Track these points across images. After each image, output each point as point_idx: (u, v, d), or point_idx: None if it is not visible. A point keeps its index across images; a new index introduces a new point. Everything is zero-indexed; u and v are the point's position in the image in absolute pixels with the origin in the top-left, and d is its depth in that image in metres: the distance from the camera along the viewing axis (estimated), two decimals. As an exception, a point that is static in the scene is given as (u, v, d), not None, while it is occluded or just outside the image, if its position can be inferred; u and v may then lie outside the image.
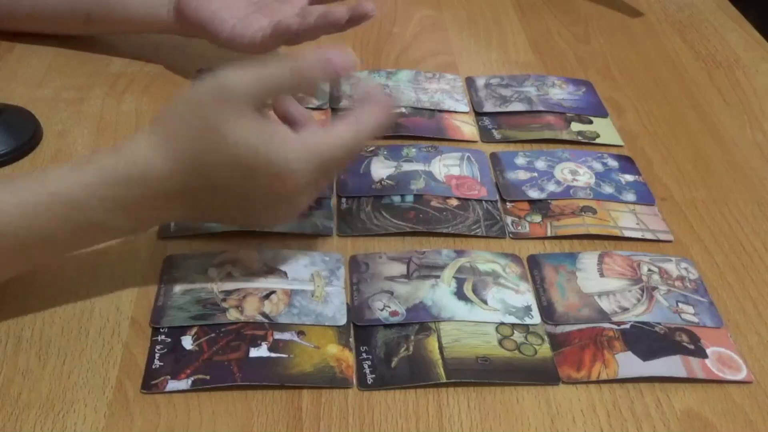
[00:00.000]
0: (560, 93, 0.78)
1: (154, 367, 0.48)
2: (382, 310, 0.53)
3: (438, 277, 0.56)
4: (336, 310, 0.53)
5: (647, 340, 0.52)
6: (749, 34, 0.92)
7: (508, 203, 0.63)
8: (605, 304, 0.55)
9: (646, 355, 0.51)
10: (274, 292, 0.53)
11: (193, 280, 0.54)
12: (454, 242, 0.59)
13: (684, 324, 0.54)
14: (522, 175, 0.66)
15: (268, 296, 0.53)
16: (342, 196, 0.63)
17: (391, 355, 0.50)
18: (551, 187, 0.65)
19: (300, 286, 0.54)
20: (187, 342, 0.50)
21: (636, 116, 0.76)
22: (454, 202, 0.62)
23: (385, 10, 0.91)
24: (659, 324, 0.53)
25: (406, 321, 0.52)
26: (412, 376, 0.49)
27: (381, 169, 0.65)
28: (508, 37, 0.88)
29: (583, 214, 0.63)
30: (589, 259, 0.58)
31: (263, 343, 0.50)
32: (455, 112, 0.74)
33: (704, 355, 0.51)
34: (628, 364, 0.50)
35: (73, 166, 0.47)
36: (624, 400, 0.49)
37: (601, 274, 0.57)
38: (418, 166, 0.66)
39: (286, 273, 0.55)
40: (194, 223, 0.58)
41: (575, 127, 0.73)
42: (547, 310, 0.54)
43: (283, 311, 0.52)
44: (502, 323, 0.53)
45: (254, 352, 0.49)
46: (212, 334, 0.50)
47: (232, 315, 0.51)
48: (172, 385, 0.47)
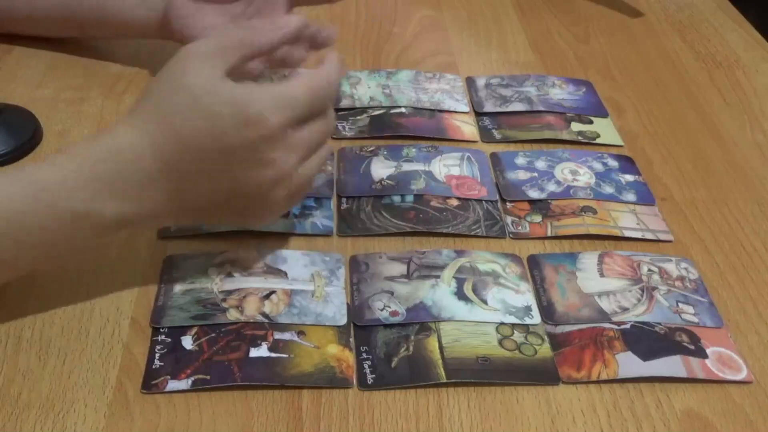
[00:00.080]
0: (560, 93, 0.78)
1: (154, 367, 0.48)
2: (382, 310, 0.53)
3: (438, 277, 0.55)
4: (336, 310, 0.53)
5: (647, 340, 0.52)
6: (749, 34, 0.92)
7: (508, 203, 0.63)
8: (605, 304, 0.54)
9: (646, 355, 0.51)
10: (274, 292, 0.53)
11: (193, 280, 0.54)
12: (454, 242, 0.59)
13: (684, 324, 0.54)
14: (522, 175, 0.66)
15: (268, 296, 0.53)
16: (342, 196, 0.63)
17: (391, 355, 0.50)
18: (551, 187, 0.65)
19: (300, 286, 0.54)
20: (187, 342, 0.50)
21: (636, 116, 0.76)
22: (454, 202, 0.62)
23: (385, 10, 0.91)
24: (659, 324, 0.53)
25: (406, 321, 0.52)
26: (412, 376, 0.49)
27: (381, 169, 0.65)
28: (508, 37, 0.88)
29: (583, 214, 0.63)
30: (589, 259, 0.58)
31: (263, 343, 0.50)
32: (455, 112, 0.74)
33: (704, 355, 0.51)
34: (628, 364, 0.50)
35: (53, 155, 0.48)
36: (624, 400, 0.49)
37: (601, 274, 0.57)
38: (418, 166, 0.66)
39: (286, 273, 0.55)
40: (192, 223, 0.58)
41: (575, 127, 0.73)
42: (547, 310, 0.54)
43: (283, 311, 0.52)
44: (502, 323, 0.53)
45: (254, 352, 0.49)
46: (212, 334, 0.50)
47: (233, 315, 0.51)
48: (172, 385, 0.47)
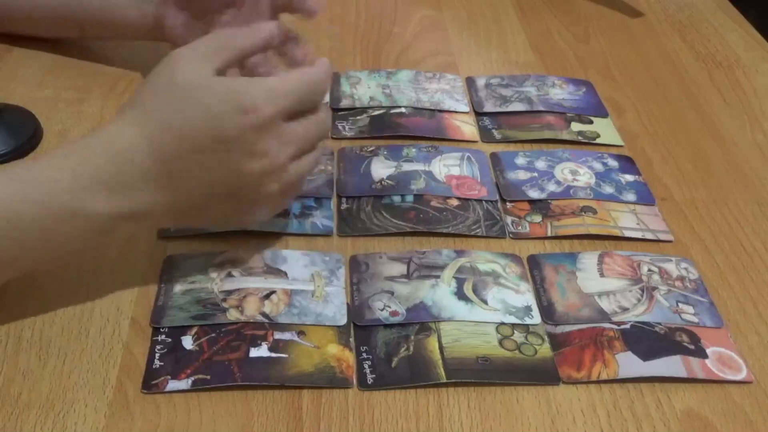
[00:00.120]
0: (560, 93, 0.78)
1: (154, 367, 0.48)
2: (382, 310, 0.53)
3: (438, 277, 0.55)
4: (336, 310, 0.53)
5: (647, 340, 0.52)
6: (749, 34, 0.92)
7: (508, 203, 0.63)
8: (605, 304, 0.54)
9: (647, 355, 0.51)
10: (274, 292, 0.53)
11: (193, 280, 0.54)
12: (454, 242, 0.59)
13: (684, 324, 0.54)
14: (522, 175, 0.66)
15: (268, 296, 0.53)
16: (342, 196, 0.63)
17: (392, 355, 0.50)
18: (551, 187, 0.65)
19: (300, 286, 0.54)
20: (188, 342, 0.50)
21: (636, 116, 0.76)
22: (455, 202, 0.62)
23: (385, 10, 0.91)
24: (659, 324, 0.53)
25: (407, 321, 0.52)
26: (412, 376, 0.49)
27: (381, 169, 0.65)
28: (508, 37, 0.88)
29: (584, 214, 0.63)
30: (589, 259, 0.58)
31: (263, 343, 0.50)
32: (455, 112, 0.74)
33: (704, 355, 0.51)
34: (629, 364, 0.50)
35: (45, 153, 0.49)
36: (624, 400, 0.49)
37: (601, 274, 0.57)
38: (419, 166, 0.66)
39: (286, 273, 0.55)
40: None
41: (575, 127, 0.73)
42: (548, 310, 0.54)
43: (283, 311, 0.52)
44: (503, 323, 0.53)
45: (254, 352, 0.49)
46: (212, 334, 0.50)
47: (233, 315, 0.51)
48: (173, 385, 0.47)
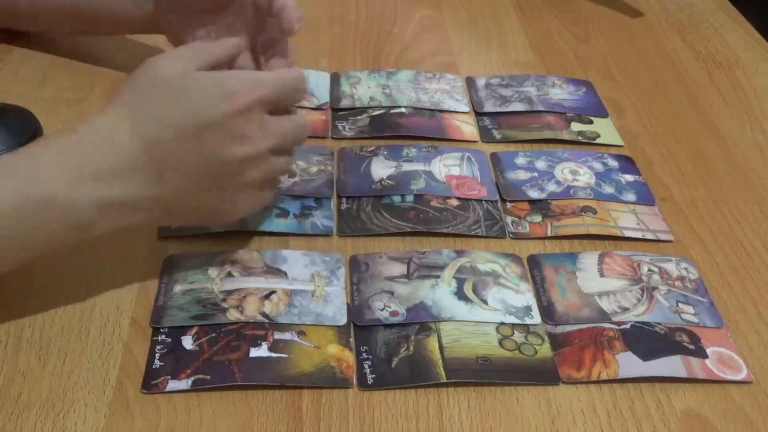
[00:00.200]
0: (560, 93, 0.78)
1: (154, 367, 0.48)
2: (382, 310, 0.53)
3: (438, 277, 0.55)
4: (336, 310, 0.53)
5: (647, 340, 0.52)
6: (749, 34, 0.92)
7: (508, 203, 0.63)
8: (605, 304, 0.54)
9: (647, 355, 0.51)
10: (274, 292, 0.53)
11: (193, 280, 0.54)
12: (454, 242, 0.59)
13: (684, 324, 0.54)
14: (522, 175, 0.66)
15: (268, 296, 0.53)
16: (342, 196, 0.63)
17: (392, 355, 0.50)
18: (551, 187, 0.65)
19: (300, 286, 0.54)
20: (188, 342, 0.50)
21: (636, 116, 0.76)
22: (455, 202, 0.62)
23: (385, 10, 0.91)
24: (659, 324, 0.53)
25: (407, 321, 0.52)
26: (412, 376, 0.49)
27: (381, 169, 0.65)
28: (508, 37, 0.88)
29: (584, 214, 0.62)
30: (589, 259, 0.58)
31: (263, 343, 0.50)
32: (455, 112, 0.74)
33: (704, 355, 0.51)
34: (629, 364, 0.50)
35: (28, 146, 0.49)
36: (624, 400, 0.49)
37: (602, 274, 0.57)
38: (419, 166, 0.66)
39: (286, 273, 0.55)
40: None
41: (575, 127, 0.73)
42: (548, 310, 0.54)
43: (283, 311, 0.52)
44: (503, 323, 0.53)
45: (254, 352, 0.49)
46: (212, 334, 0.50)
47: (233, 315, 0.51)
48: (173, 385, 0.47)
